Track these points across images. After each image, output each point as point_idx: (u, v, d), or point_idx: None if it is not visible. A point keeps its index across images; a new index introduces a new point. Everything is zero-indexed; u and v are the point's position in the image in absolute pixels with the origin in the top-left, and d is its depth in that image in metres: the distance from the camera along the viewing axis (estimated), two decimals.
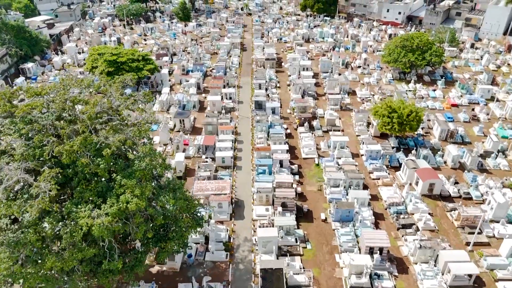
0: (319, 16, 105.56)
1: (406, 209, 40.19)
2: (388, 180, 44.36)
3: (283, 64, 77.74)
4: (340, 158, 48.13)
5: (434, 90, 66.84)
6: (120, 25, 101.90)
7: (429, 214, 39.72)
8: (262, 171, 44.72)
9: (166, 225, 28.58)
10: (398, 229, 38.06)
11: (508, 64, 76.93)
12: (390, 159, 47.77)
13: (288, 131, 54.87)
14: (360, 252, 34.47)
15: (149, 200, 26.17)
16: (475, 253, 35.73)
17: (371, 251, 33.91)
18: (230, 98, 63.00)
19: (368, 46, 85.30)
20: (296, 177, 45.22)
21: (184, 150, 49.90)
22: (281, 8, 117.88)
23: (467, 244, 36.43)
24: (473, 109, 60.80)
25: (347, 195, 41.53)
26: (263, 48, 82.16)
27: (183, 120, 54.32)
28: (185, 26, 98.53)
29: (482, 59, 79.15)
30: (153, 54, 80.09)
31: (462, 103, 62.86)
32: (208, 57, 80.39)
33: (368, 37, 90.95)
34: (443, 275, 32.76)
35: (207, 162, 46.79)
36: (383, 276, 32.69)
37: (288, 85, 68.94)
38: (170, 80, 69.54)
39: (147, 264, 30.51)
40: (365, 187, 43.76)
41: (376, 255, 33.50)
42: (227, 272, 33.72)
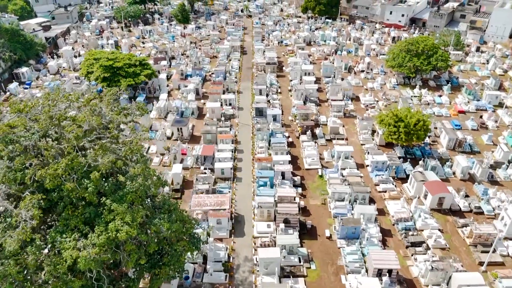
0: (321, 18, 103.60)
1: (415, 225, 38.18)
2: (395, 193, 42.37)
3: (284, 68, 75.74)
4: (344, 169, 46.16)
5: (440, 96, 64.86)
6: (118, 27, 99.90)
7: (439, 230, 37.75)
8: (263, 183, 42.75)
9: (161, 249, 26.59)
10: (407, 247, 36.06)
11: None
12: (396, 170, 45.79)
13: (290, 139, 52.88)
14: (367, 274, 32.47)
15: (142, 224, 24.22)
16: (489, 274, 33.75)
17: (379, 273, 31.93)
18: (230, 105, 61.05)
19: (371, 50, 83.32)
20: (299, 189, 43.26)
21: (182, 161, 47.95)
22: (281, 10, 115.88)
23: (480, 264, 34.45)
24: (481, 116, 58.78)
25: (352, 209, 39.56)
26: (264, 52, 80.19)
27: (181, 128, 52.32)
28: (184, 29, 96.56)
29: (488, 63, 77.18)
30: (151, 58, 78.20)
31: (470, 109, 60.87)
32: (208, 61, 78.45)
33: (370, 40, 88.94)
34: None
35: (205, 173, 44.80)
36: None
37: (290, 90, 66.97)
38: (168, 86, 67.57)
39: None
40: (371, 200, 41.81)
41: (385, 278, 31.51)
42: None
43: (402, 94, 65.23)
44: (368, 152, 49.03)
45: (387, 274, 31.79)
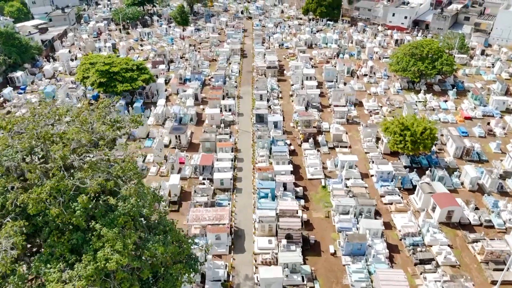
0: (322, 20, 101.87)
1: (423, 240, 36.49)
2: (401, 206, 40.67)
3: (285, 72, 74.06)
4: (348, 179, 44.49)
5: (446, 101, 63.15)
6: (116, 29, 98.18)
7: (448, 246, 36.06)
8: (264, 194, 41.08)
9: (155, 272, 24.88)
10: (415, 264, 34.36)
11: None
12: (402, 180, 44.10)
13: (292, 147, 51.20)
14: None
15: (135, 247, 22.53)
16: None
17: None
18: (230, 110, 59.36)
19: (373, 53, 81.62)
20: (301, 201, 41.56)
21: (179, 170, 46.24)
22: (282, 11, 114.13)
23: (493, 283, 32.77)
24: (488, 122, 57.05)
25: (357, 223, 37.88)
26: (264, 55, 78.47)
27: (179, 136, 50.62)
28: (183, 31, 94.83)
29: (494, 67, 75.49)
30: (149, 61, 76.58)
31: (476, 115, 59.16)
32: (207, 64, 76.73)
33: (373, 43, 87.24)
34: None
35: (204, 184, 43.07)
36: None
37: (291, 95, 65.26)
38: (166, 90, 65.87)
39: None
40: (376, 213, 40.12)
41: None
42: None
43: (407, 99, 63.49)
44: (373, 161, 47.34)
45: None
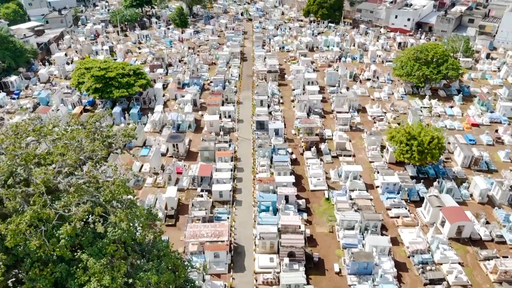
0: (323, 22, 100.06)
1: (433, 258, 34.69)
2: (409, 220, 38.87)
3: (286, 76, 72.25)
4: (353, 191, 42.71)
5: (451, 107, 61.36)
6: (114, 31, 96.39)
7: (459, 264, 34.29)
8: (265, 208, 39.31)
9: None
10: (425, 284, 32.56)
11: None
12: (409, 192, 42.31)
13: (294, 156, 49.42)
14: None
15: (125, 277, 20.74)
16: None
17: None
18: (229, 117, 57.57)
19: (376, 56, 79.82)
20: (304, 215, 39.75)
21: (177, 181, 44.47)
22: (283, 13, 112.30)
23: None
24: (496, 130, 55.25)
25: (363, 239, 36.10)
26: (265, 58, 76.67)
27: (176, 144, 48.83)
28: (182, 33, 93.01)
29: (500, 71, 73.73)
30: (147, 65, 74.84)
31: (483, 122, 57.37)
32: (206, 68, 74.92)
33: (376, 45, 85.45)
34: None
35: (202, 196, 41.27)
36: None
37: (292, 100, 63.47)
38: (164, 95, 64.07)
39: None
40: (382, 227, 38.32)
41: None
42: None
43: (411, 105, 61.74)
44: (378, 171, 45.58)
45: None
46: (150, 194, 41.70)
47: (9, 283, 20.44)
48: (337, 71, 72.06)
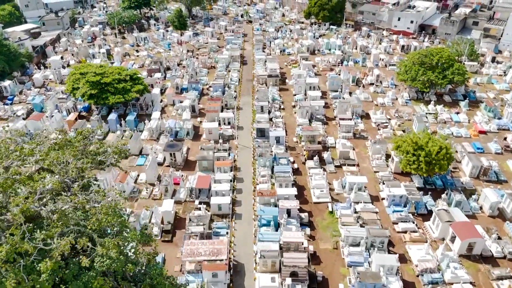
0: (325, 25, 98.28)
1: (443, 277, 32.91)
2: (417, 236, 37.07)
3: (287, 80, 70.50)
4: (357, 203, 40.94)
5: (457, 113, 59.56)
6: (112, 34, 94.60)
7: (471, 284, 32.52)
8: (266, 222, 37.55)
9: None
10: None
11: None
12: (416, 205, 40.52)
13: (295, 165, 47.63)
14: None
15: None
16: None
17: None
18: (229, 124, 55.79)
19: (379, 60, 78.04)
20: (307, 229, 37.96)
21: (174, 193, 42.67)
22: (283, 15, 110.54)
23: None
24: (505, 137, 53.46)
25: (369, 257, 34.31)
26: (265, 62, 74.90)
27: (174, 153, 47.03)
28: (181, 35, 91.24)
29: (506, 75, 71.94)
30: (144, 69, 73.09)
31: (491, 129, 55.56)
32: (205, 72, 73.13)
33: (378, 48, 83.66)
34: None
35: (200, 210, 39.45)
36: None
37: (294, 106, 61.68)
38: (162, 101, 62.27)
39: None
40: (389, 243, 36.51)
41: None
42: None
43: (416, 111, 59.96)
44: (383, 182, 43.82)
45: None
46: (145, 208, 39.72)
47: None
48: (339, 75, 70.32)
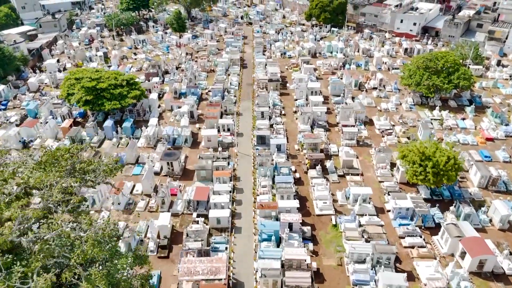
0: (326, 27, 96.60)
1: None
2: (425, 251, 35.43)
3: (288, 84, 68.87)
4: (362, 216, 39.32)
5: (463, 119, 57.91)
6: (109, 36, 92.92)
7: None
8: (267, 237, 35.92)
9: None
10: None
11: None
12: (424, 218, 38.88)
13: (297, 174, 45.98)
14: None
15: None
16: None
17: None
18: (228, 130, 54.16)
19: (382, 63, 76.35)
20: (310, 244, 36.31)
21: (171, 204, 41.04)
22: (284, 16, 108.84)
23: None
24: None
25: (375, 275, 32.68)
26: (265, 65, 73.23)
27: (171, 162, 45.40)
28: (180, 38, 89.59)
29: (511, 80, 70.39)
30: (142, 72, 71.47)
31: (498, 136, 53.91)
32: (204, 75, 71.50)
33: (381, 51, 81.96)
34: None
35: (198, 223, 37.78)
36: None
37: (295, 112, 60.04)
38: (159, 106, 60.62)
39: None
40: (396, 259, 34.86)
41: None
42: None
43: (421, 117, 58.31)
44: (389, 193, 42.20)
45: None
46: (141, 221, 38.11)
47: None
48: (341, 79, 68.70)
